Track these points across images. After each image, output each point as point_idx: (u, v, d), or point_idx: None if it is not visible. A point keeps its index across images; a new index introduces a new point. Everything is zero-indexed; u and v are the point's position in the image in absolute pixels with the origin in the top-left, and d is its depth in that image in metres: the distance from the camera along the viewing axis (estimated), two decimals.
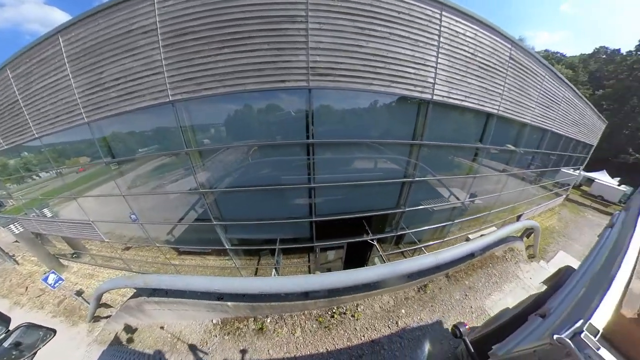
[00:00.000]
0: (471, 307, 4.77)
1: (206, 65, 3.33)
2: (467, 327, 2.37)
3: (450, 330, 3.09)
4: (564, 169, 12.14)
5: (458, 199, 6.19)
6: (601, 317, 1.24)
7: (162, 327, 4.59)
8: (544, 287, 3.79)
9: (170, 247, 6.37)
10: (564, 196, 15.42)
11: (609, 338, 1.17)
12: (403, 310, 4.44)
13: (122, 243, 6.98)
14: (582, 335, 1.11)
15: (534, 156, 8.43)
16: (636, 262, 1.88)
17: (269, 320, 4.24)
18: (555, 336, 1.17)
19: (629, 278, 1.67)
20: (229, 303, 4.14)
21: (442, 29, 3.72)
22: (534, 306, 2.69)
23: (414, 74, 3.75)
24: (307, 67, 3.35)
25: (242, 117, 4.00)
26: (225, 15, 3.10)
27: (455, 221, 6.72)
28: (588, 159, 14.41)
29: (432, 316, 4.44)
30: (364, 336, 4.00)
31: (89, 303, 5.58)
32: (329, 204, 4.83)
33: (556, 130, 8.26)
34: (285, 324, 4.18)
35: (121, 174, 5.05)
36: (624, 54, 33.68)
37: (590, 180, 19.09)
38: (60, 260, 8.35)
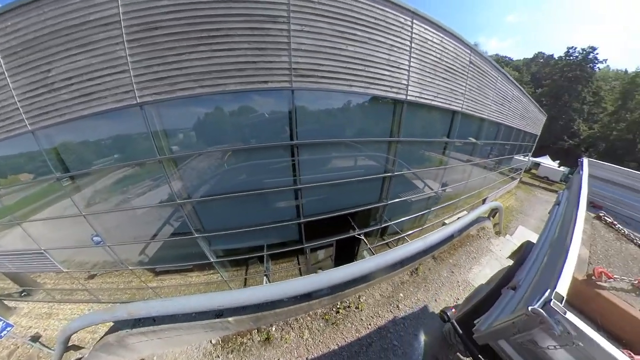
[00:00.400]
0: (458, 282, 5.36)
1: (180, 63, 3.04)
2: (453, 310, 2.56)
3: (438, 315, 3.35)
4: (516, 156, 13.93)
5: (432, 189, 6.74)
6: (563, 285, 1.38)
7: None
8: (511, 262, 4.27)
9: (145, 268, 5.65)
10: (518, 179, 17.74)
11: (567, 299, 1.33)
12: (401, 294, 4.80)
13: (85, 271, 5.99)
14: (552, 304, 1.25)
15: (492, 147, 9.53)
16: (580, 234, 2.20)
17: (274, 329, 4.10)
18: (529, 308, 1.30)
19: (578, 248, 1.88)
20: (230, 318, 3.87)
21: (414, 35, 4.05)
22: (505, 280, 2.97)
23: (390, 76, 4.01)
24: (290, 68, 3.33)
25: (220, 120, 3.76)
26: (202, 10, 2.92)
27: (432, 209, 7.30)
28: (534, 146, 16.75)
29: (427, 295, 4.87)
30: (370, 325, 4.21)
31: (50, 348, 4.68)
32: (316, 204, 4.87)
33: (508, 124, 9.48)
34: (292, 328, 4.09)
35: (78, 190, 4.33)
36: (557, 58, 39.95)
37: (537, 164, 22.92)
38: (5, 302, 6.90)
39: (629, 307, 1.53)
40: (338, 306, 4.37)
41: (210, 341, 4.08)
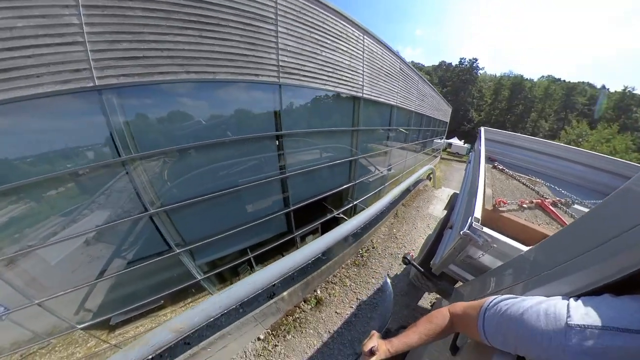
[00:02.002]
0: (424, 215, 7.60)
1: (162, 44, 2.33)
2: (411, 255, 2.88)
3: (401, 260, 3.71)
4: (435, 140, 16.78)
5: (380, 170, 7.70)
6: (478, 212, 1.76)
7: None
8: (445, 212, 4.97)
9: (95, 323, 3.14)
10: (439, 157, 21.54)
11: (484, 224, 1.66)
12: (394, 230, 6.59)
13: None
14: (473, 225, 1.50)
15: (419, 133, 11.16)
16: (484, 179, 2.77)
17: (319, 292, 4.17)
18: (461, 232, 1.55)
19: (484, 188, 2.41)
20: (284, 293, 3.45)
21: (365, 47, 4.68)
22: (444, 225, 3.46)
23: (351, 78, 4.56)
24: (278, 66, 3.30)
25: (203, 111, 3.08)
26: None
27: (385, 185, 8.36)
28: (446, 131, 20.45)
29: (408, 226, 6.86)
30: (386, 255, 5.45)
31: None
32: (300, 191, 4.84)
33: (428, 114, 11.38)
34: (334, 284, 4.38)
35: None
36: (454, 65, 49.27)
37: (450, 144, 28.24)
38: None
39: (517, 218, 2.03)
40: (360, 252, 5.32)
41: (258, 338, 3.37)
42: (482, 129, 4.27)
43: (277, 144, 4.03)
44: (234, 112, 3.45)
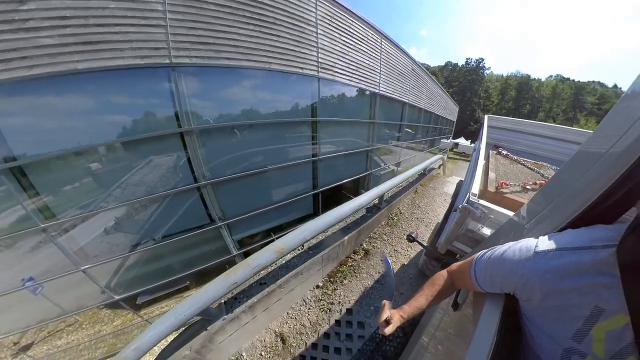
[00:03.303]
0: (440, 193, 8.83)
1: (229, 34, 2.71)
2: (415, 232, 2.99)
3: (406, 238, 4.23)
4: (442, 139, 17.01)
5: (387, 166, 8.00)
6: (475, 188, 1.88)
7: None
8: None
9: (125, 297, 3.07)
10: (446, 156, 21.76)
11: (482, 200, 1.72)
12: (417, 201, 7.69)
13: (10, 342, 3.20)
14: (470, 198, 1.63)
15: (427, 130, 11.50)
16: (487, 165, 2.88)
17: (365, 245, 4.98)
18: (460, 205, 1.67)
19: (482, 173, 2.50)
20: (345, 238, 3.89)
21: (382, 49, 5.25)
22: (450, 209, 3.74)
23: (371, 76, 5.10)
24: (317, 62, 3.80)
25: (252, 95, 3.42)
26: None
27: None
28: (453, 130, 20.67)
29: (428, 200, 7.90)
30: (412, 219, 6.47)
31: None
32: (326, 175, 5.17)
33: (437, 113, 11.78)
34: (376, 239, 5.30)
35: (30, 191, 2.16)
36: (460, 66, 49.13)
37: (456, 144, 28.08)
38: None
39: (520, 198, 2.15)
40: (391, 216, 6.36)
41: (317, 286, 3.63)
42: (486, 116, 4.55)
43: (312, 130, 4.52)
44: (280, 98, 3.83)
